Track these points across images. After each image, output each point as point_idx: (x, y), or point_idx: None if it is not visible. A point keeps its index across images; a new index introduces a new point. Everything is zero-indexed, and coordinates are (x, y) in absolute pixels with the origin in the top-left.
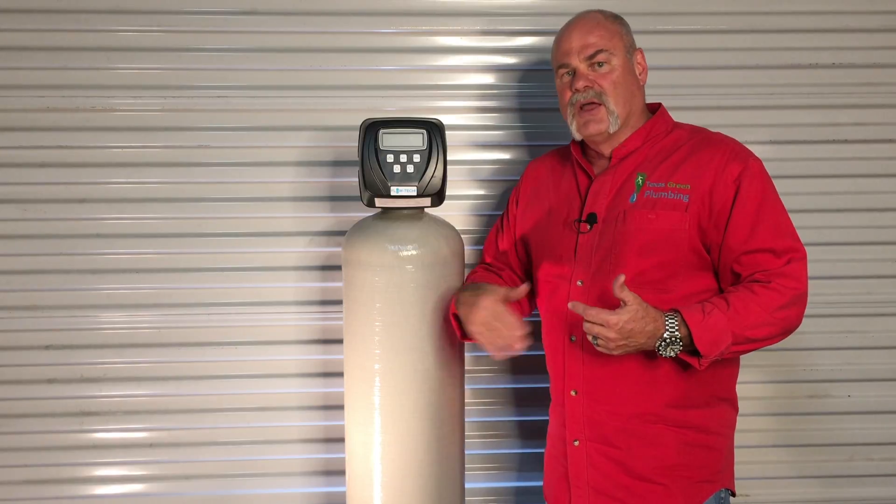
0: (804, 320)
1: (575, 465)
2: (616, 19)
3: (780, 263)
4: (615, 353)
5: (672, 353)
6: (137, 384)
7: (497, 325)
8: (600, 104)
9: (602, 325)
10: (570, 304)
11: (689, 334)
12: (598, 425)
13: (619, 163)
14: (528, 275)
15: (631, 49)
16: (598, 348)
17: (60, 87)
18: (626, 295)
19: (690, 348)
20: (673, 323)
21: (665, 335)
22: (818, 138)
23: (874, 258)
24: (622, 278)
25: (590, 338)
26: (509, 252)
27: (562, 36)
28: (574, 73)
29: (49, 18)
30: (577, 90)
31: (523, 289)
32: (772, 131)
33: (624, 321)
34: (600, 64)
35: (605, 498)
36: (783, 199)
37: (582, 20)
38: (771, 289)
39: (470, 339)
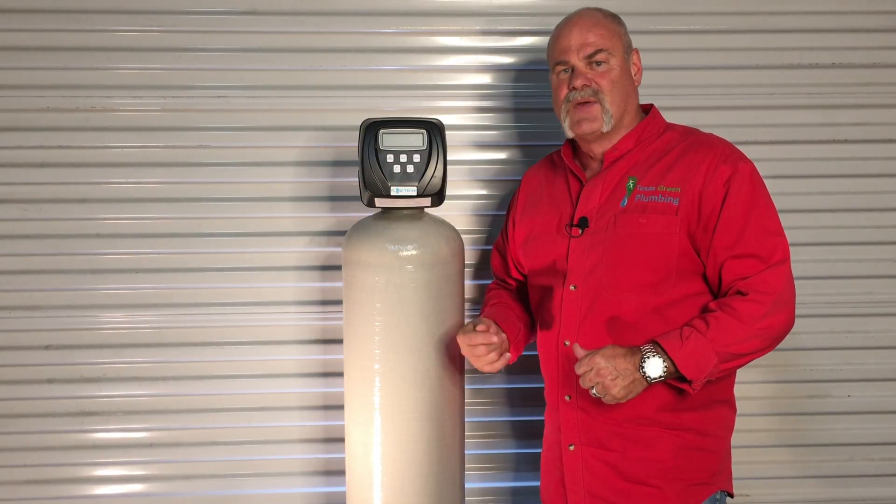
0: (804, 320)
1: (571, 470)
2: (615, 19)
3: (760, 269)
4: (617, 392)
5: (659, 370)
6: (137, 384)
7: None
8: (596, 101)
9: (589, 367)
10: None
11: (673, 363)
12: (592, 430)
13: (611, 166)
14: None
15: (628, 49)
16: (606, 398)
17: (60, 87)
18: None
19: (677, 376)
20: (648, 346)
21: (644, 352)
22: (818, 138)
23: (874, 258)
24: (578, 348)
25: (592, 392)
26: (511, 266)
27: (560, 33)
28: (572, 71)
29: (49, 18)
30: (575, 88)
31: (506, 358)
32: (772, 131)
33: (598, 351)
34: (599, 63)
35: (601, 502)
36: (783, 199)
37: (582, 18)
38: (749, 300)
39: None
